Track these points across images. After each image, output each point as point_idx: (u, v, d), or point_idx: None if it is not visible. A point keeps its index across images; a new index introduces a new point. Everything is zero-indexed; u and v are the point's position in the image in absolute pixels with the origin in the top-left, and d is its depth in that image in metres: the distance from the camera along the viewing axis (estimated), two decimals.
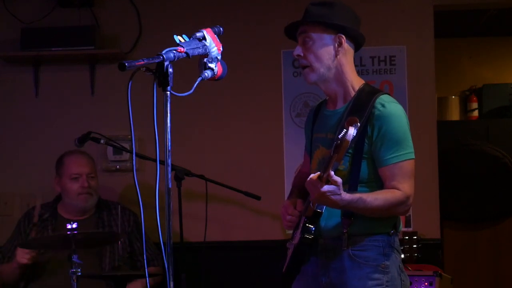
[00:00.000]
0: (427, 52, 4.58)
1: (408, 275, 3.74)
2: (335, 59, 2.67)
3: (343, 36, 2.67)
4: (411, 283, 3.74)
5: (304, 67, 2.70)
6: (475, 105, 5.89)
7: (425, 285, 3.74)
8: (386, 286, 2.59)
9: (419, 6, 4.58)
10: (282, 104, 4.57)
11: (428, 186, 4.50)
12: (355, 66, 4.49)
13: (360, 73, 4.53)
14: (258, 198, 4.09)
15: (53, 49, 4.47)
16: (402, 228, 2.75)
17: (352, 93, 2.69)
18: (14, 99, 4.65)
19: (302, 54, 2.69)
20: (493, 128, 5.59)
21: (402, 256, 4.02)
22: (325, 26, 2.66)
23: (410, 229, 4.38)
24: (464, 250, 5.55)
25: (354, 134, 2.31)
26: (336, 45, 2.67)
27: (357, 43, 2.76)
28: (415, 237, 4.10)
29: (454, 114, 5.88)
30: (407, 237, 4.10)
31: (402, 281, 2.66)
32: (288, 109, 4.54)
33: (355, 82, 2.71)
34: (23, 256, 3.80)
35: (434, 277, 3.76)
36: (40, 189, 4.43)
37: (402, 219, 4.48)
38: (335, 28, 2.66)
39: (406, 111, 4.42)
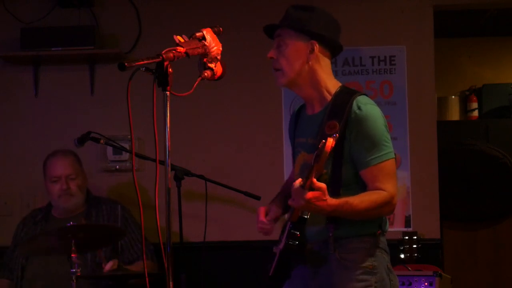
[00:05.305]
0: (427, 52, 4.58)
1: (408, 275, 3.77)
2: (306, 65, 2.67)
3: (316, 43, 2.67)
4: (410, 283, 3.74)
5: (276, 69, 2.72)
6: (475, 105, 5.89)
7: (425, 285, 3.74)
8: (375, 287, 2.59)
9: (419, 6, 4.58)
10: (282, 104, 4.56)
11: (428, 186, 4.51)
12: (355, 66, 4.59)
13: (360, 73, 4.56)
14: (258, 198, 4.09)
15: (52, 49, 4.48)
16: (388, 228, 2.75)
17: (328, 97, 2.69)
18: (14, 99, 4.65)
19: (275, 57, 2.71)
20: (493, 128, 5.58)
21: (402, 256, 4.06)
22: (299, 31, 2.67)
23: (410, 229, 4.39)
24: (464, 250, 5.55)
25: (333, 145, 2.33)
26: (308, 51, 2.67)
27: (334, 50, 2.75)
28: (415, 237, 4.10)
29: (454, 114, 5.88)
30: (407, 237, 4.10)
31: (391, 281, 2.66)
32: (288, 109, 4.54)
33: (330, 86, 2.71)
34: None
35: (434, 277, 3.75)
36: (40, 189, 4.43)
37: (401, 219, 4.51)
38: (309, 35, 2.67)
39: (406, 111, 4.52)
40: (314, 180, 2.38)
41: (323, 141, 2.32)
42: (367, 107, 2.61)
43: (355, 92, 2.68)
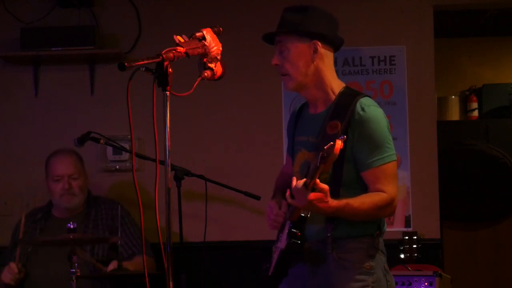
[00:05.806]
0: (427, 52, 4.58)
1: (408, 275, 3.77)
2: (311, 65, 2.68)
3: (318, 42, 2.67)
4: (410, 283, 3.74)
5: (283, 75, 2.73)
6: (475, 105, 5.89)
7: (425, 285, 3.74)
8: (372, 287, 2.60)
9: (418, 6, 4.58)
10: (282, 104, 4.57)
11: (428, 186, 4.51)
12: (355, 66, 4.60)
13: (360, 73, 4.56)
14: (258, 198, 4.09)
15: (52, 49, 4.48)
16: (388, 228, 2.76)
17: (333, 97, 2.70)
18: (14, 99, 4.65)
19: (279, 63, 2.72)
20: (493, 128, 5.58)
21: (402, 256, 4.06)
22: (299, 34, 2.67)
23: (410, 229, 4.39)
24: (464, 250, 5.55)
25: (342, 148, 2.32)
26: (312, 51, 2.68)
27: (335, 45, 2.76)
28: (415, 237, 4.10)
29: (454, 114, 5.88)
30: (407, 237, 4.10)
31: (388, 281, 2.66)
32: (288, 109, 4.54)
33: (334, 85, 2.72)
34: (6, 276, 3.88)
35: (434, 277, 3.75)
36: (40, 189, 4.43)
37: (401, 219, 4.51)
38: (310, 36, 2.67)
39: (406, 111, 4.52)
40: (318, 181, 2.38)
41: (331, 143, 2.32)
42: (371, 108, 2.62)
43: (359, 94, 2.69)
